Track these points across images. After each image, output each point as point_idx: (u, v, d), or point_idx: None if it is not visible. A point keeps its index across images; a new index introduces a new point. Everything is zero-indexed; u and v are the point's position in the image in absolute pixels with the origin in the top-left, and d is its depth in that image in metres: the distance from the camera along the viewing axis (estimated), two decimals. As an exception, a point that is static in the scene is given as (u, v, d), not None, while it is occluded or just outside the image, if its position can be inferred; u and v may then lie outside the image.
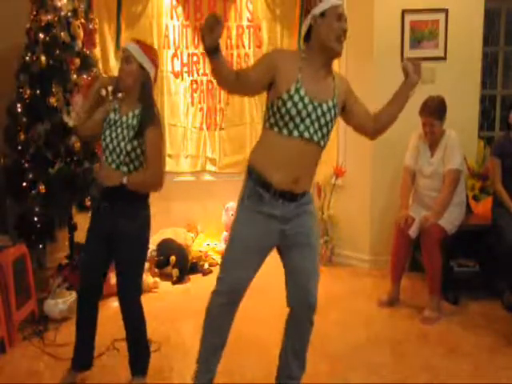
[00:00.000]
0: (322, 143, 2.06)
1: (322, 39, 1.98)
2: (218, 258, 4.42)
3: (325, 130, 2.02)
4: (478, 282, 3.60)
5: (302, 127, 1.97)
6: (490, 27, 4.40)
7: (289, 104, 1.94)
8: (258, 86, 2.03)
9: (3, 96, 3.48)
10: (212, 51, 1.82)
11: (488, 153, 3.82)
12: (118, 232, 2.30)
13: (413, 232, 3.31)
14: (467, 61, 4.02)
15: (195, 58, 4.59)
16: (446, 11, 3.96)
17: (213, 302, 2.23)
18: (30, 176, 3.33)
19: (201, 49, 4.57)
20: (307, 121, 1.97)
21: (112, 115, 2.34)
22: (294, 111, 1.94)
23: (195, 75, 4.60)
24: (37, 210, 3.33)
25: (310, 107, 1.96)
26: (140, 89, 2.34)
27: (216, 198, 4.58)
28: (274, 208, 2.05)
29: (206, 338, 2.23)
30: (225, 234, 4.56)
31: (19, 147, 3.36)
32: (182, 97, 4.61)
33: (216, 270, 4.23)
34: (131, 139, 2.25)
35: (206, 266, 4.24)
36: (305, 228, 2.10)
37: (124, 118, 2.30)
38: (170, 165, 4.63)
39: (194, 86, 4.61)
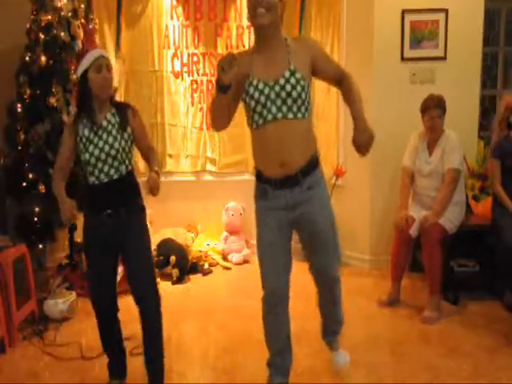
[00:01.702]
0: (291, 115, 2.01)
1: (248, 18, 2.08)
2: (218, 258, 4.43)
3: (289, 102, 2.00)
4: (477, 282, 3.59)
5: (264, 112, 2.01)
6: (490, 27, 4.41)
7: (247, 99, 2.05)
8: (238, 98, 2.08)
9: (3, 96, 3.49)
10: (224, 89, 1.92)
11: (488, 153, 3.82)
12: (123, 230, 2.26)
13: (413, 232, 3.31)
14: (467, 61, 4.02)
15: (195, 58, 4.59)
16: (446, 11, 3.96)
17: (262, 311, 2.27)
18: (30, 176, 3.33)
19: (201, 49, 4.58)
20: (268, 103, 2.01)
21: (86, 131, 2.22)
22: (253, 103, 2.03)
23: (195, 75, 4.60)
24: (37, 210, 3.33)
25: (266, 90, 2.01)
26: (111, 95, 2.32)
27: (216, 198, 4.58)
28: (279, 199, 2.11)
29: (268, 343, 2.31)
30: (225, 233, 4.57)
31: (19, 147, 3.37)
32: (181, 97, 4.61)
33: (216, 270, 4.27)
34: (123, 134, 2.24)
35: (206, 265, 4.24)
36: (312, 215, 2.13)
37: (105, 123, 2.24)
38: (170, 165, 4.64)
39: (194, 86, 4.62)
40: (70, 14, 3.53)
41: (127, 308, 2.49)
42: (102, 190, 2.26)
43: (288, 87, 2.00)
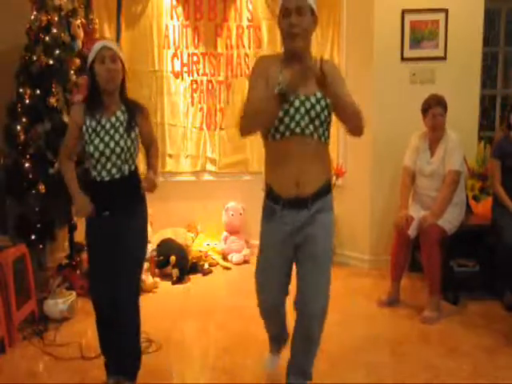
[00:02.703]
0: (316, 136, 1.99)
1: (282, 38, 2.04)
2: (218, 258, 4.43)
3: (317, 122, 1.98)
4: (477, 282, 3.59)
5: (292, 125, 1.96)
6: (490, 27, 4.41)
7: None
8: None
9: (3, 96, 3.48)
10: (285, 97, 1.87)
11: (488, 153, 3.83)
12: (121, 229, 2.25)
13: (412, 231, 3.31)
14: (467, 61, 4.02)
15: (195, 58, 4.59)
16: (446, 11, 3.96)
17: (259, 309, 2.31)
18: (30, 176, 3.33)
19: (201, 49, 4.57)
20: (297, 116, 1.96)
21: (93, 123, 2.21)
22: (281, 113, 1.95)
23: (195, 75, 4.60)
24: (37, 210, 3.33)
25: (296, 103, 1.96)
26: (120, 86, 2.29)
27: (216, 198, 4.58)
28: (285, 221, 2.06)
29: (267, 329, 2.42)
30: (225, 233, 4.57)
31: (19, 147, 3.36)
32: (181, 97, 4.61)
33: (216, 270, 4.27)
34: (130, 133, 2.23)
35: (206, 266, 4.24)
36: (314, 238, 2.07)
37: (113, 119, 2.23)
38: (170, 165, 4.64)
39: (194, 86, 4.61)
40: (69, 14, 3.52)
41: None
42: (103, 188, 2.26)
43: (318, 108, 1.97)
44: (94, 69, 2.21)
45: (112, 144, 2.20)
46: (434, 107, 3.34)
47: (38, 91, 3.36)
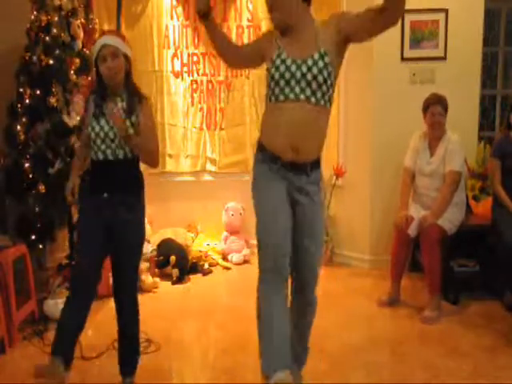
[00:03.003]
0: (314, 100, 1.96)
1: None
2: (218, 258, 4.43)
3: (314, 85, 1.95)
4: (477, 282, 3.59)
5: (287, 90, 1.97)
6: (490, 27, 4.40)
7: (272, 70, 2.00)
8: (251, 59, 2.20)
9: (3, 96, 3.48)
10: (203, 15, 2.08)
11: (488, 153, 3.83)
12: (119, 221, 2.26)
13: (412, 231, 3.31)
14: (467, 61, 4.02)
15: (195, 58, 4.59)
16: (446, 11, 3.96)
17: (260, 295, 2.01)
18: (30, 176, 3.33)
19: (201, 49, 4.57)
20: (292, 82, 1.96)
21: (96, 109, 2.28)
22: (277, 75, 1.98)
23: (195, 75, 4.60)
24: (37, 210, 3.33)
25: (293, 67, 1.96)
26: (125, 77, 2.30)
27: (216, 198, 4.58)
28: (285, 177, 2.03)
29: (265, 344, 2.01)
30: (225, 233, 4.57)
31: (19, 147, 3.36)
32: (181, 97, 4.61)
33: (216, 270, 4.27)
34: (124, 120, 2.22)
35: (206, 265, 4.24)
36: (313, 214, 2.08)
37: (112, 104, 2.26)
38: (170, 165, 4.65)
39: (194, 85, 4.61)
40: (70, 14, 3.52)
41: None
42: (99, 168, 2.29)
43: (315, 70, 1.95)
44: (98, 66, 2.27)
45: (106, 127, 2.24)
46: (433, 106, 3.35)
47: (38, 91, 3.36)
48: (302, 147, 2.00)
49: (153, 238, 4.31)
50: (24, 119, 3.37)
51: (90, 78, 3.51)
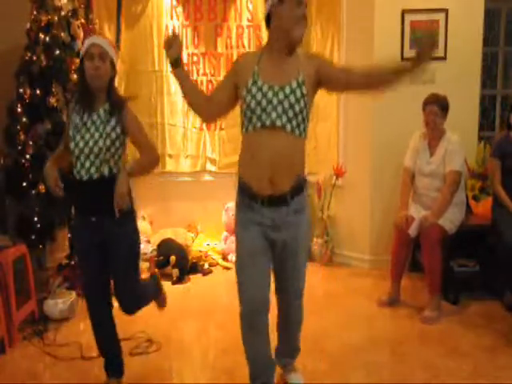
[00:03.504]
0: (290, 128, 1.95)
1: (281, 25, 1.96)
2: (218, 258, 4.43)
3: (291, 113, 1.93)
4: (478, 282, 3.59)
5: (264, 116, 1.93)
6: (490, 27, 4.40)
7: (248, 98, 1.95)
8: (227, 102, 2.10)
9: (3, 96, 3.48)
10: (174, 63, 2.06)
11: (488, 153, 3.82)
12: (111, 237, 2.23)
13: (412, 231, 3.31)
14: (467, 61, 4.02)
15: (195, 58, 4.59)
16: (446, 11, 3.96)
17: (242, 329, 2.21)
18: (30, 176, 3.33)
19: (201, 49, 4.58)
20: (269, 108, 1.93)
21: (77, 119, 2.20)
22: (253, 103, 1.94)
23: (195, 75, 4.60)
24: (37, 210, 3.33)
25: (269, 94, 1.94)
26: (108, 84, 2.23)
27: (216, 198, 4.58)
28: (264, 217, 2.03)
29: (250, 365, 2.27)
30: (225, 233, 4.57)
31: (19, 147, 3.36)
32: (181, 97, 4.60)
33: (216, 270, 4.27)
34: (109, 133, 2.16)
35: (206, 266, 4.24)
36: (295, 241, 2.09)
37: (95, 117, 2.19)
38: (170, 165, 4.65)
39: (194, 86, 4.61)
40: (69, 14, 3.52)
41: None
42: (82, 189, 2.22)
43: (292, 98, 1.94)
44: (84, 65, 2.20)
45: (91, 142, 2.16)
46: (429, 105, 3.35)
47: (38, 91, 3.36)
48: (278, 178, 1.98)
49: (153, 238, 4.31)
50: (24, 119, 3.37)
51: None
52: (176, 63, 2.07)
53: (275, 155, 1.95)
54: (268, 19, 2.02)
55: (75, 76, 3.44)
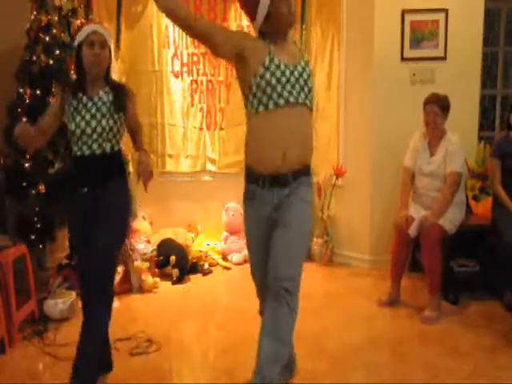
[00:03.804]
0: (309, 103, 2.05)
1: (273, 10, 1.99)
2: (217, 258, 4.43)
3: (306, 89, 2.03)
4: (478, 282, 3.59)
5: (285, 93, 1.98)
6: (490, 27, 4.40)
7: (267, 75, 1.97)
8: (224, 48, 2.01)
9: (3, 96, 3.48)
10: None
11: (488, 153, 3.82)
12: (102, 206, 2.21)
13: (412, 231, 3.31)
14: (467, 61, 4.02)
15: (195, 58, 4.59)
16: (446, 11, 3.96)
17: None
18: (30, 176, 3.33)
19: (201, 49, 4.58)
20: (288, 86, 1.98)
21: (74, 101, 2.22)
22: (274, 80, 1.97)
23: (195, 75, 4.61)
24: (37, 210, 3.33)
25: (287, 72, 2.00)
26: (105, 71, 2.28)
27: (216, 198, 4.58)
28: (265, 200, 2.07)
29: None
30: (225, 233, 4.57)
31: (19, 147, 3.36)
32: (181, 97, 4.61)
33: (216, 270, 4.27)
34: (112, 114, 2.21)
35: (206, 266, 4.24)
36: (289, 207, 2.04)
37: (96, 98, 2.22)
38: (170, 165, 4.65)
39: (194, 85, 4.62)
40: (69, 14, 3.53)
41: (127, 308, 2.48)
42: (84, 163, 2.24)
43: (305, 75, 2.04)
44: (82, 51, 2.21)
45: (93, 123, 2.19)
46: (429, 105, 3.35)
47: (38, 91, 3.36)
48: (292, 151, 1.99)
49: (153, 238, 4.31)
50: (24, 119, 3.36)
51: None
52: None
53: (293, 129, 2.00)
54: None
55: (75, 76, 3.44)
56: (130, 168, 3.67)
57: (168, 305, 3.56)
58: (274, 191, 2.05)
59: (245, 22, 4.54)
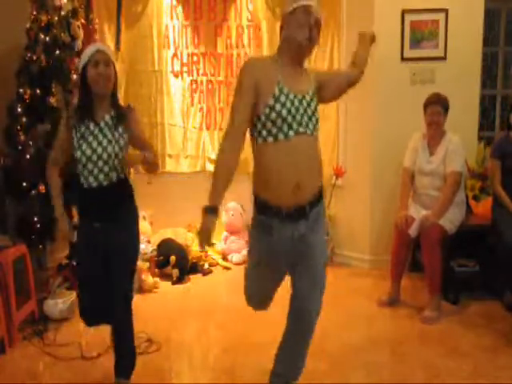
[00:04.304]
0: (316, 133, 2.03)
1: (289, 34, 1.98)
2: (217, 258, 4.43)
3: (314, 119, 2.00)
4: (478, 282, 3.59)
5: (295, 124, 1.93)
6: (490, 27, 4.40)
7: (278, 106, 1.91)
8: (250, 118, 1.97)
9: (3, 96, 3.48)
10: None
11: (488, 153, 3.83)
12: (114, 243, 2.23)
13: (412, 231, 3.31)
14: (467, 61, 4.02)
15: (195, 58, 4.59)
16: (446, 11, 3.96)
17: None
18: (30, 176, 3.33)
19: (201, 49, 4.58)
20: (298, 116, 1.94)
21: (82, 127, 2.19)
22: (284, 112, 1.91)
23: (195, 75, 4.60)
24: (37, 210, 3.33)
25: (296, 102, 1.95)
26: (112, 91, 2.25)
27: (216, 198, 4.57)
28: (285, 234, 2.00)
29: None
30: (225, 233, 4.57)
31: (19, 147, 3.36)
32: (181, 97, 4.61)
33: (216, 270, 4.27)
34: (118, 139, 2.19)
35: (206, 266, 4.24)
36: (310, 248, 2.06)
37: (102, 124, 2.20)
38: (169, 165, 4.65)
39: (194, 85, 4.61)
40: (69, 14, 3.52)
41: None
42: (91, 196, 2.22)
43: (312, 105, 2.00)
44: (87, 72, 2.18)
45: (99, 149, 2.16)
46: (432, 105, 3.36)
47: (38, 91, 3.36)
48: (306, 182, 1.96)
49: (153, 238, 4.31)
50: (24, 119, 3.37)
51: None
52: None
53: (304, 160, 1.96)
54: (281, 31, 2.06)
55: (75, 76, 3.44)
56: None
57: (168, 305, 3.56)
58: (294, 224, 1.99)
59: (245, 21, 4.54)
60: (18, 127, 3.36)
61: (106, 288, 2.27)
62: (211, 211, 1.91)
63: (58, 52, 3.39)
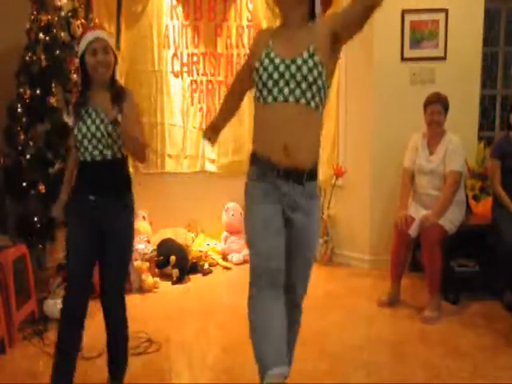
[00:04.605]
0: (304, 101, 1.87)
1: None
2: (217, 258, 4.43)
3: (304, 85, 1.86)
4: (478, 282, 3.59)
5: (275, 91, 1.88)
6: (490, 27, 4.40)
7: (260, 70, 1.91)
8: (248, 84, 2.07)
9: (3, 96, 3.48)
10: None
11: (488, 153, 3.83)
12: (107, 225, 2.22)
13: (412, 231, 3.31)
14: (467, 61, 4.02)
15: (195, 58, 4.59)
16: (446, 11, 3.96)
17: (250, 298, 2.14)
18: (30, 176, 3.33)
19: (201, 49, 4.58)
20: (281, 82, 1.88)
21: (82, 111, 2.24)
22: (265, 76, 1.90)
23: (195, 75, 4.61)
24: (37, 209, 3.33)
25: (281, 67, 1.88)
26: (111, 76, 2.26)
27: (216, 198, 4.58)
28: (279, 188, 1.93)
29: (258, 345, 2.03)
30: (225, 233, 4.57)
31: (19, 147, 3.36)
32: (181, 97, 4.61)
33: (216, 270, 4.27)
34: (111, 119, 2.18)
35: (206, 265, 4.24)
36: (306, 231, 1.99)
37: (99, 108, 2.22)
38: (169, 165, 4.65)
39: (194, 85, 4.62)
40: (69, 14, 3.53)
41: (127, 308, 2.48)
42: (86, 169, 2.26)
43: (304, 69, 1.86)
44: (85, 60, 2.20)
45: (93, 128, 2.20)
46: (432, 104, 3.36)
47: (38, 91, 3.36)
48: (293, 145, 1.89)
49: (153, 238, 4.31)
50: (24, 119, 3.37)
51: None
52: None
53: (288, 123, 1.89)
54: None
55: (75, 76, 3.45)
56: None
57: (168, 305, 3.56)
58: (289, 184, 1.92)
59: (245, 21, 4.54)
60: (18, 127, 3.36)
61: (91, 268, 2.27)
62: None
63: (58, 52, 3.39)
